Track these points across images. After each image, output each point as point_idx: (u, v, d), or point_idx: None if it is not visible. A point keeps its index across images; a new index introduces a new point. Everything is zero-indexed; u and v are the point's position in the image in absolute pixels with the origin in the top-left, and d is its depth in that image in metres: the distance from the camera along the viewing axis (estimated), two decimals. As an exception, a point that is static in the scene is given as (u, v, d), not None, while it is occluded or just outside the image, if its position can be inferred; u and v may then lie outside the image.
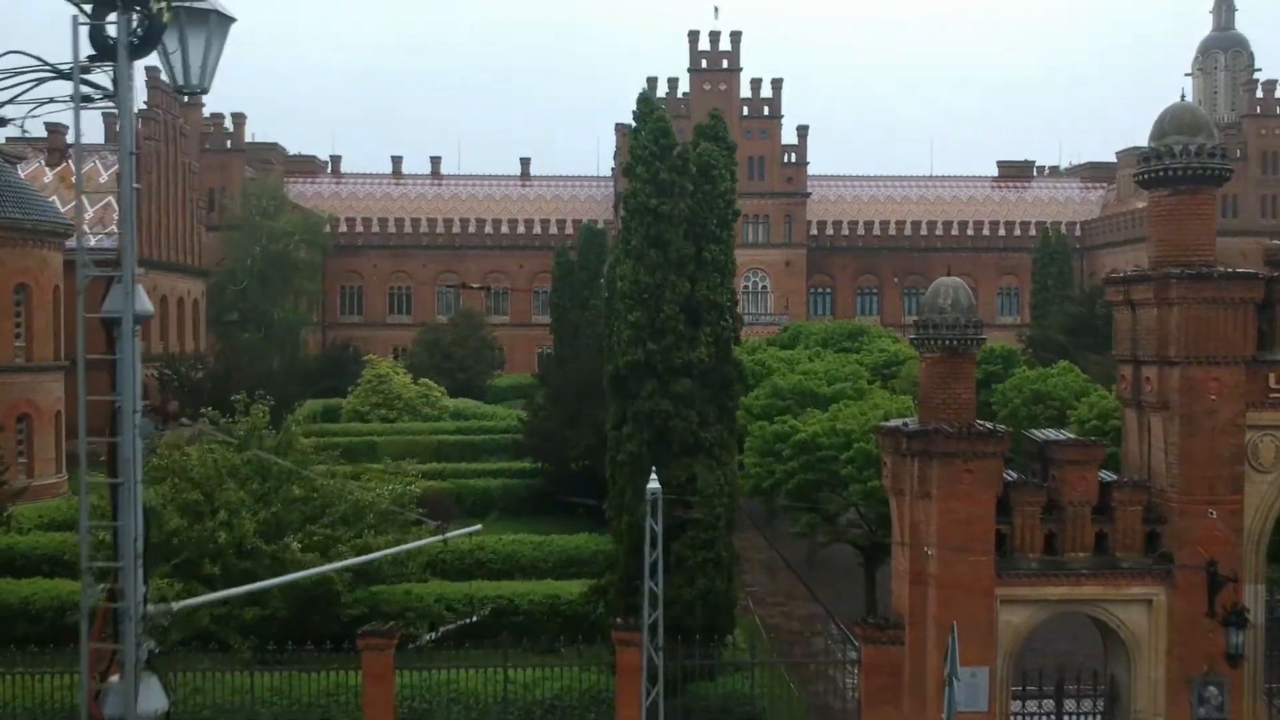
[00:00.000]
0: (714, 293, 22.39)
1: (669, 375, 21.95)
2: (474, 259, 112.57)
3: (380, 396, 70.75)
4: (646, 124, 23.29)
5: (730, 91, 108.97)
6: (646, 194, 22.43)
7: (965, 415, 19.37)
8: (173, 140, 72.43)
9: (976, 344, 19.51)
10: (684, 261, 22.19)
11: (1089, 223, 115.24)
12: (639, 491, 20.90)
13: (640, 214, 22.53)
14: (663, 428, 22.03)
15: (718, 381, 22.54)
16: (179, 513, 23.34)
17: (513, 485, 46.35)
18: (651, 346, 21.86)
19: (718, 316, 22.48)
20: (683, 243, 22.27)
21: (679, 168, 22.69)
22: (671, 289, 21.91)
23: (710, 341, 22.21)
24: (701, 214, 22.65)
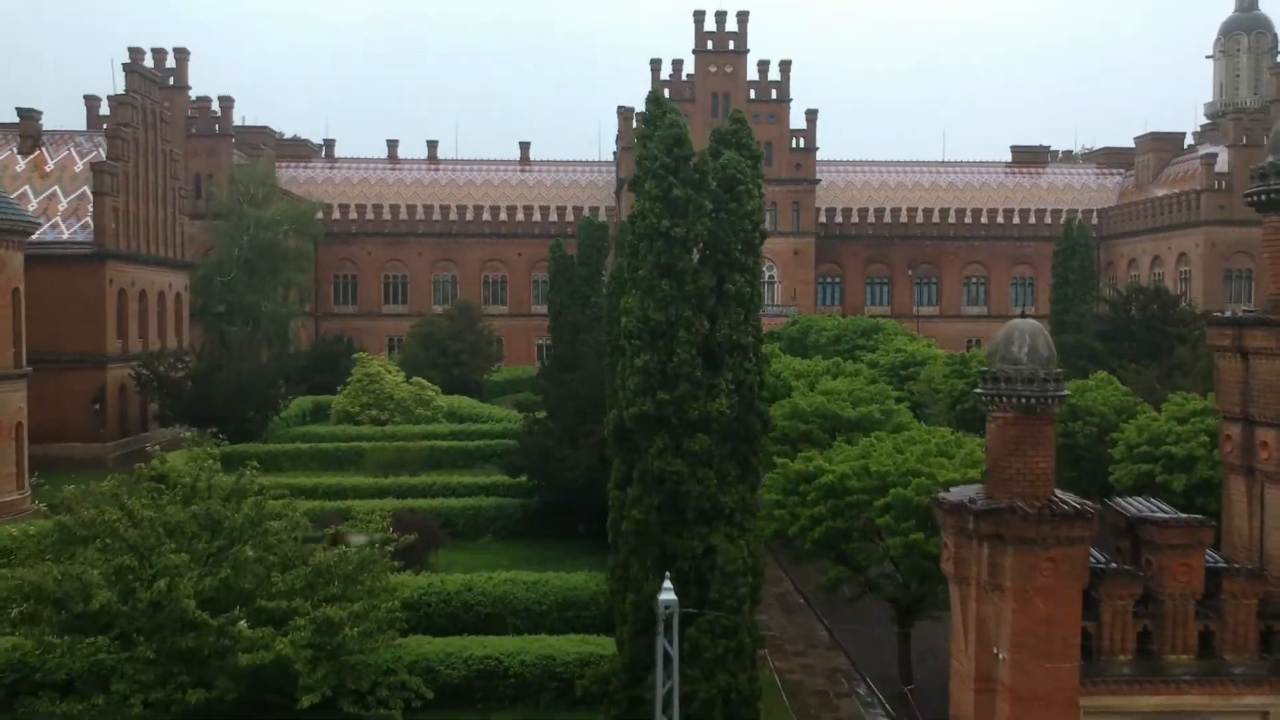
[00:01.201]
0: (737, 331, 19.02)
1: (683, 429, 18.63)
2: (471, 246, 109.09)
3: (371, 397, 67.52)
4: (657, 129, 19.81)
5: (737, 74, 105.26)
6: (657, 214, 19.03)
7: (1044, 488, 16.00)
8: (153, 126, 68.88)
9: (1057, 402, 16.10)
10: (702, 295, 18.83)
11: (1106, 210, 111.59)
12: (646, 564, 17.61)
13: (650, 238, 19.12)
14: (675, 491, 18.73)
15: (740, 433, 19.21)
16: (109, 581, 20.00)
17: (507, 505, 43.02)
18: (663, 396, 18.53)
19: (740, 359, 19.12)
20: (700, 272, 18.91)
21: (696, 182, 19.25)
22: (686, 328, 18.56)
23: (731, 389, 18.87)
24: (723, 237, 19.24)
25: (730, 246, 19.26)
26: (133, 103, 65.68)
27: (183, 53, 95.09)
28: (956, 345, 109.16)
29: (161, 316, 69.54)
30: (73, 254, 61.37)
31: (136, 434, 65.28)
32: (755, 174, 20.18)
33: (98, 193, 61.84)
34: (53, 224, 62.76)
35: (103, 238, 61.68)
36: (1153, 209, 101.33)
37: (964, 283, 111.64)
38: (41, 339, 60.42)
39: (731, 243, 19.29)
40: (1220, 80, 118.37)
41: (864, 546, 25.86)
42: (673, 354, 18.62)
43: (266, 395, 62.28)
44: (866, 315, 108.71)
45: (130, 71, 66.62)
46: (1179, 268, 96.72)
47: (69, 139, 68.18)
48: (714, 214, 19.30)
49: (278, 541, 21.65)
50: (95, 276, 61.59)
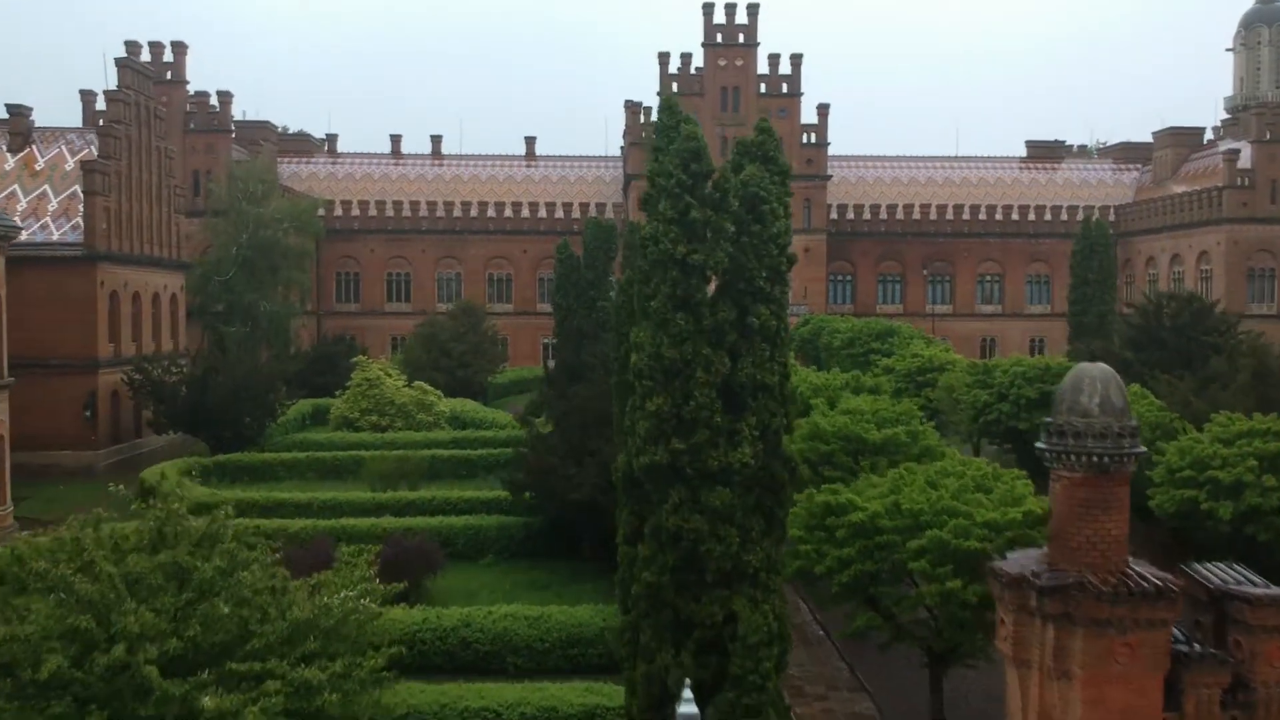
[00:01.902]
0: (761, 370, 16.96)
1: (701, 481, 16.59)
2: (476, 244, 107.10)
3: (371, 402, 65.55)
4: (672, 140, 17.71)
5: (747, 68, 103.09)
6: (672, 239, 16.94)
7: (1117, 559, 13.94)
8: (147, 123, 66.89)
9: (1134, 460, 14.03)
10: (722, 330, 16.78)
11: (1123, 207, 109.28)
12: (660, 632, 15.58)
13: (663, 265, 17.04)
14: (692, 551, 16.71)
15: (765, 483, 17.18)
16: (63, 644, 18.01)
17: (509, 525, 41.00)
18: (678, 445, 16.51)
19: (765, 400, 17.07)
20: (721, 304, 16.86)
21: (716, 202, 17.17)
22: (705, 367, 16.51)
23: (755, 435, 16.84)
24: (746, 264, 17.16)
25: (754, 274, 17.21)
26: (125, 99, 63.68)
27: (180, 46, 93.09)
28: (971, 344, 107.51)
29: (156, 318, 67.63)
30: (62, 256, 59.47)
31: (130, 440, 63.47)
32: (783, 191, 18.09)
33: (88, 192, 59.91)
34: (42, 224, 60.85)
35: (93, 238, 59.75)
36: (1172, 206, 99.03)
37: (978, 281, 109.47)
38: (31, 344, 58.61)
39: (755, 270, 17.24)
40: (1240, 74, 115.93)
41: (893, 591, 23.82)
42: (689, 396, 16.59)
43: (264, 400, 60.29)
44: (878, 314, 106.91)
45: (123, 67, 64.58)
46: (1200, 266, 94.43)
47: (60, 136, 66.23)
48: (736, 238, 17.25)
49: (253, 594, 19.60)
50: (86, 279, 59.68)
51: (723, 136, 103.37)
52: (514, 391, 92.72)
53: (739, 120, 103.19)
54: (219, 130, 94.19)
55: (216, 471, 55.23)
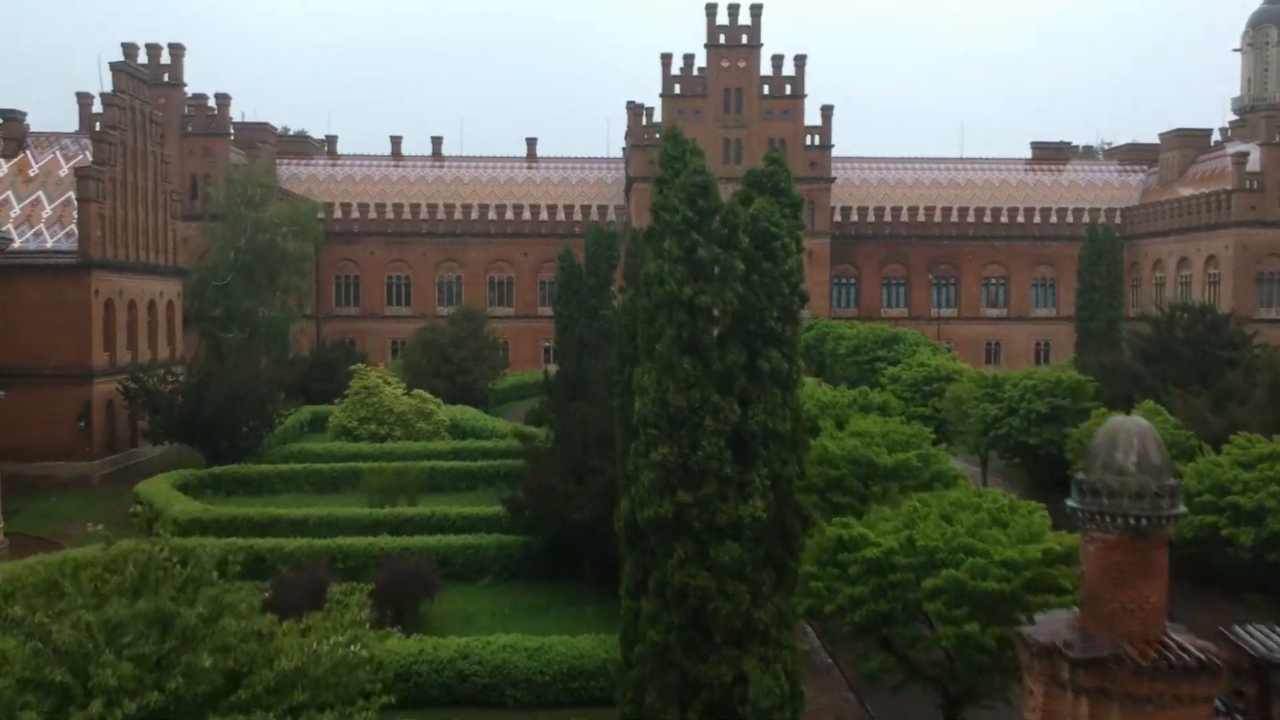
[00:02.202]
0: (773, 417, 16.07)
1: (709, 535, 15.72)
2: (477, 246, 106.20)
3: (369, 410, 64.66)
4: (677, 173, 16.76)
5: (750, 69, 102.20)
6: (678, 279, 16.02)
7: (1155, 628, 13.04)
8: (143, 128, 65.95)
9: (1173, 522, 13.11)
10: (731, 375, 15.90)
11: (1130, 209, 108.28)
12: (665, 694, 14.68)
13: (668, 307, 16.11)
14: (700, 608, 15.82)
15: (776, 535, 16.29)
16: (39, 698, 17.13)
17: (509, 544, 40.11)
18: (684, 497, 15.63)
19: (777, 449, 16.17)
20: (730, 347, 15.95)
21: (725, 239, 16.25)
22: (713, 414, 15.63)
23: (767, 486, 15.94)
24: (756, 304, 16.28)
25: (765, 314, 16.31)
26: (120, 104, 62.75)
27: (178, 48, 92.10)
28: (976, 348, 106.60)
29: (152, 326, 66.70)
30: (56, 263, 58.55)
31: (125, 450, 62.56)
32: (794, 224, 17.18)
33: (82, 199, 58.99)
34: (36, 231, 59.95)
35: (87, 246, 58.83)
36: (1180, 209, 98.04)
37: (983, 284, 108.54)
38: (24, 353, 57.80)
39: (766, 310, 16.34)
40: (1248, 74, 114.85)
41: (906, 632, 22.90)
42: (697, 446, 15.70)
43: (261, 410, 59.42)
44: (883, 317, 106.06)
45: (118, 71, 63.62)
46: (1208, 270, 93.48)
47: (55, 141, 65.33)
48: (746, 276, 16.33)
49: (238, 640, 18.69)
50: (80, 287, 58.77)
51: (725, 139, 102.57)
52: (515, 397, 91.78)
53: (742, 122, 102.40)
54: (217, 133, 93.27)
55: (212, 484, 54.39)
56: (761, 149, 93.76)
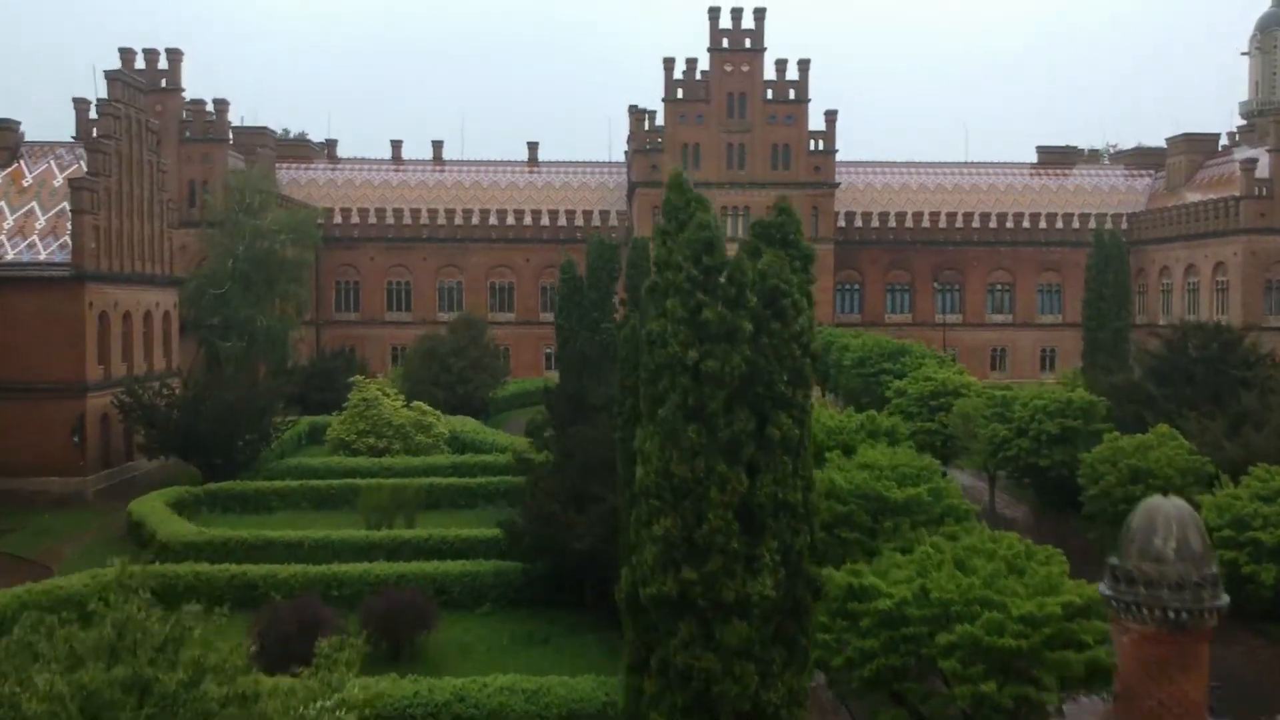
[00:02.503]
0: (783, 487, 15.18)
1: (715, 614, 14.84)
2: (478, 252, 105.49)
3: (368, 423, 63.77)
4: (681, 225, 15.86)
5: (753, 73, 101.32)
6: (682, 341, 15.12)
7: (1195, 727, 12.16)
8: (138, 137, 65.03)
9: (1216, 615, 12.23)
10: (738, 442, 15.00)
11: (1136, 215, 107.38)
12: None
13: (672, 371, 15.22)
14: (704, 692, 14.95)
15: (787, 609, 15.40)
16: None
17: (507, 571, 39.17)
18: (689, 574, 14.73)
19: (789, 521, 15.28)
20: (737, 412, 15.07)
21: (733, 299, 15.35)
22: (720, 486, 14.75)
23: (777, 560, 15.06)
24: (765, 367, 15.39)
25: (774, 378, 15.42)
26: (115, 113, 61.82)
27: (175, 54, 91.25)
28: (981, 354, 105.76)
29: (148, 337, 65.80)
30: (50, 276, 57.67)
31: (120, 465, 61.68)
32: (805, 279, 16.29)
33: (76, 210, 58.10)
34: (29, 243, 59.07)
35: (81, 258, 57.94)
36: (1187, 215, 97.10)
37: (988, 290, 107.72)
38: (17, 366, 57.03)
39: (776, 373, 15.45)
40: (1256, 78, 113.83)
41: (922, 687, 22.02)
42: (702, 519, 14.82)
43: (258, 424, 58.56)
44: (887, 323, 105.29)
45: (113, 80, 62.69)
46: (1216, 277, 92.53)
47: (49, 151, 64.46)
48: (754, 337, 15.45)
49: (219, 706, 17.80)
50: (74, 299, 57.87)
51: (729, 143, 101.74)
52: (516, 405, 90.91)
53: (745, 127, 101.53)
54: (215, 139, 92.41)
55: (208, 501, 53.54)
56: (765, 154, 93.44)
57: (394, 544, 43.48)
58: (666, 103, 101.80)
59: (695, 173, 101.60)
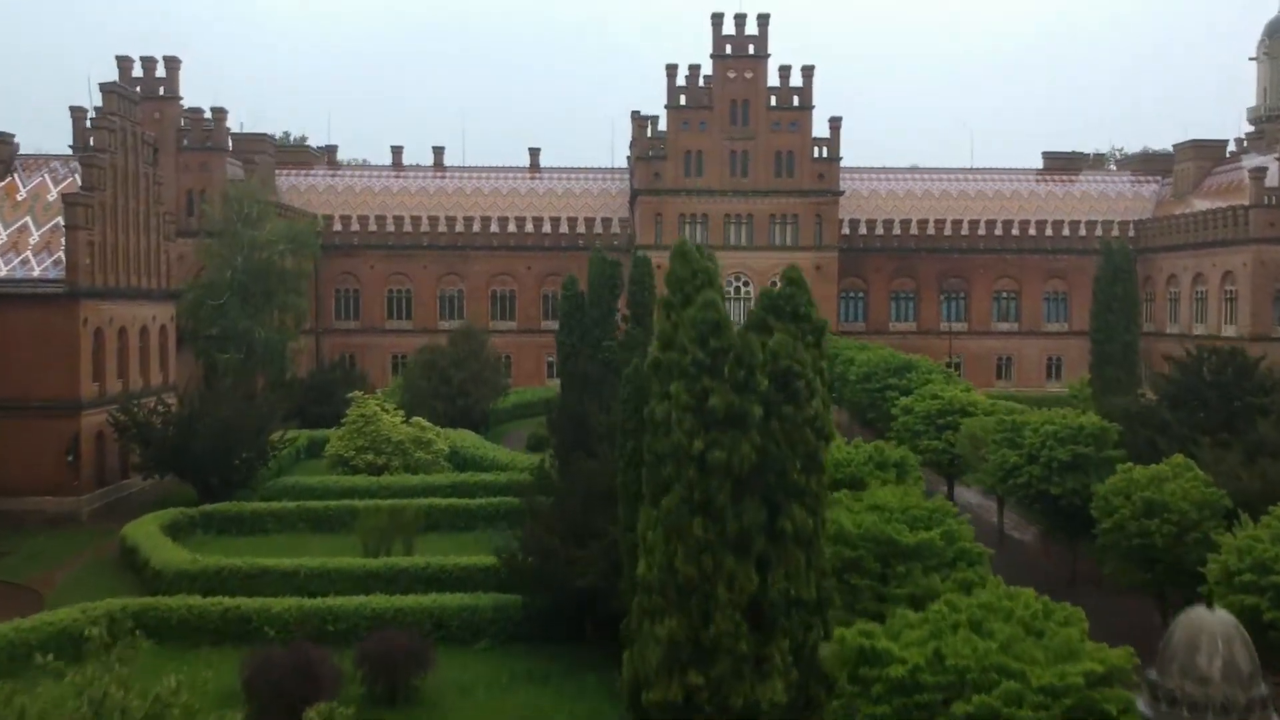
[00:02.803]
0: (796, 582, 14.32)
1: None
2: (479, 259, 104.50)
3: (367, 439, 62.89)
4: (687, 298, 14.91)
5: (757, 80, 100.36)
6: (687, 429, 14.22)
7: None
8: (134, 150, 64.14)
9: (1263, 738, 11.33)
10: (748, 537, 14.13)
11: (1143, 223, 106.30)
12: None
13: (677, 460, 14.32)
14: (713, 801, 14.11)
15: (800, 707, 14.52)
16: None
17: (507, 605, 38.29)
18: (695, 678, 13.87)
19: (802, 617, 14.40)
20: (747, 503, 14.18)
21: (741, 383, 14.43)
22: (728, 583, 13.88)
23: (789, 662, 14.18)
24: (777, 454, 14.50)
25: (787, 465, 14.53)
26: (110, 126, 60.95)
27: (173, 61, 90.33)
28: (987, 363, 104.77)
29: (144, 352, 64.95)
30: (44, 293, 56.81)
31: (116, 482, 60.86)
32: (817, 355, 15.36)
33: (70, 226, 57.25)
34: (23, 259, 58.23)
35: (75, 275, 57.09)
36: (1195, 223, 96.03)
37: (994, 297, 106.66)
38: (10, 384, 56.34)
39: (789, 460, 14.55)
40: (1264, 84, 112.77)
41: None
42: (708, 619, 13.95)
43: (254, 443, 57.75)
44: (891, 332, 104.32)
45: (108, 92, 61.80)
46: (1224, 287, 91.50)
47: (43, 164, 63.60)
48: (764, 422, 14.54)
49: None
50: (68, 316, 57.04)
51: (732, 150, 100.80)
52: (518, 416, 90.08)
53: (749, 134, 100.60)
54: (213, 148, 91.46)
55: (203, 523, 52.77)
56: (769, 161, 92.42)
57: (391, 573, 42.64)
58: (669, 109, 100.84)
59: (698, 180, 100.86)
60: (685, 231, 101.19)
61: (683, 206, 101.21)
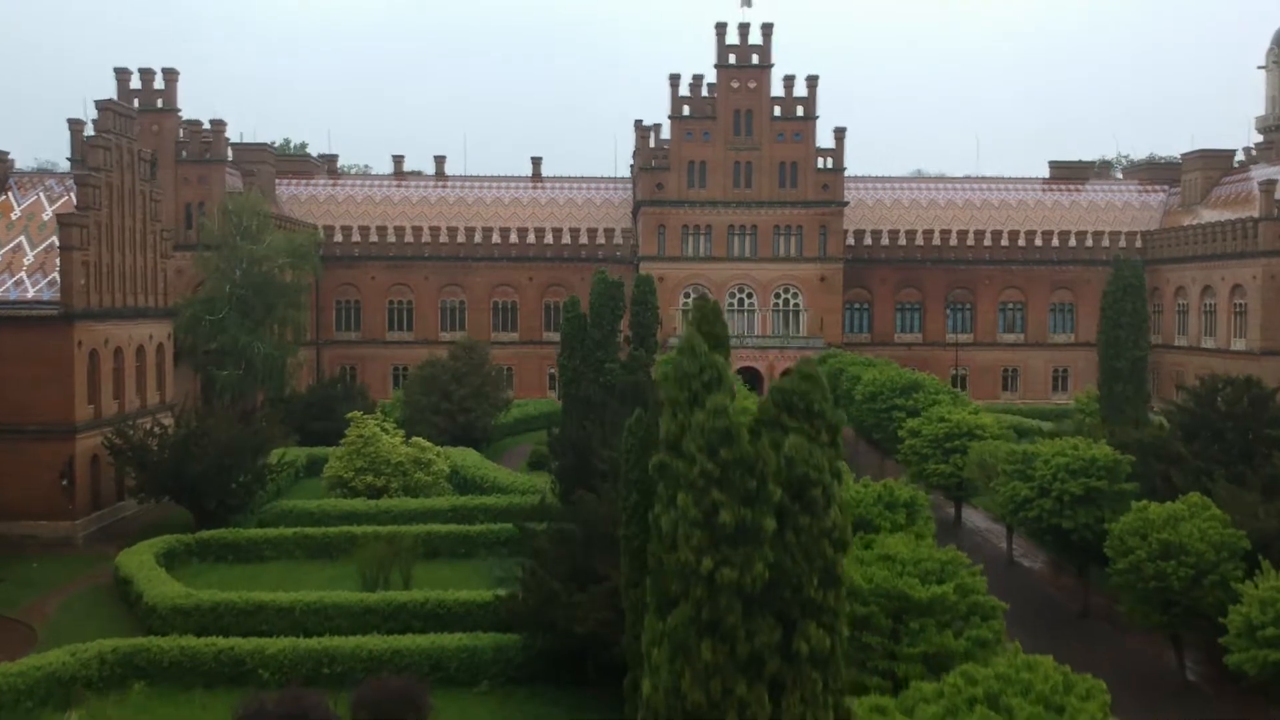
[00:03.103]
0: (812, 707, 13.36)
1: None
2: (481, 270, 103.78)
3: (366, 460, 61.98)
4: (694, 396, 13.99)
5: (760, 90, 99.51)
6: (695, 546, 13.28)
7: None
8: (130, 167, 63.24)
9: None
10: (760, 659, 13.24)
11: (1151, 233, 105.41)
12: None
13: (683, 579, 13.42)
14: None
15: (813, 834, 13.69)
16: None
17: (507, 646, 37.35)
18: (704, 811, 13.03)
19: (817, 742, 13.56)
20: (760, 621, 13.30)
21: (751, 495, 13.53)
22: (738, 711, 12.97)
23: (804, 790, 13.35)
24: (792, 569, 13.61)
25: (803, 580, 13.64)
26: (106, 144, 60.07)
27: (171, 73, 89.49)
28: (993, 375, 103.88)
29: (141, 371, 64.08)
30: (38, 315, 55.95)
31: (112, 504, 60.03)
32: (834, 455, 14.45)
33: (64, 247, 56.38)
34: (17, 280, 57.37)
35: (70, 296, 56.22)
36: (1204, 235, 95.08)
37: (1000, 308, 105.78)
38: (3, 408, 55.53)
39: (804, 574, 13.67)
40: (1272, 92, 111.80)
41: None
42: (718, 749, 13.13)
43: (251, 466, 56.92)
44: (897, 343, 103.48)
45: (104, 109, 60.91)
46: (1233, 300, 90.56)
47: (38, 182, 62.78)
48: (778, 535, 13.67)
49: None
50: (63, 338, 56.16)
51: (735, 161, 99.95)
52: (520, 430, 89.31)
53: (752, 144, 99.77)
54: (212, 160, 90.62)
55: (199, 550, 51.91)
56: (772, 172, 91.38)
57: (390, 608, 41.73)
58: (672, 119, 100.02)
59: (701, 191, 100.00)
60: (688, 242, 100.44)
61: (686, 218, 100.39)
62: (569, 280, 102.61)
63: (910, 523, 34.66)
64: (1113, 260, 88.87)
